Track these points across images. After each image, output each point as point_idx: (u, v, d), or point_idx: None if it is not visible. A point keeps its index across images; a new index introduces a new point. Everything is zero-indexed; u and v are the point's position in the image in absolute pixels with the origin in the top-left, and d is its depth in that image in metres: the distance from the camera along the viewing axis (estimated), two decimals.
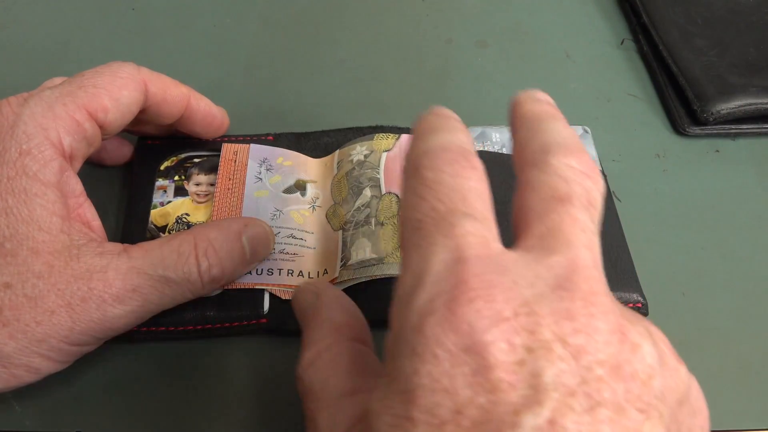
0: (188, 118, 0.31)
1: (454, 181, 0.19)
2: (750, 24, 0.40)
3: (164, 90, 0.29)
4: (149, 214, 0.31)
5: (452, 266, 0.16)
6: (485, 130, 0.35)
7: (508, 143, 0.34)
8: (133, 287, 0.24)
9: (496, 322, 0.15)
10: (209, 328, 0.28)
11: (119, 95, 0.27)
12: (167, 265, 0.25)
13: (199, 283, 0.26)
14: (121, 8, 0.43)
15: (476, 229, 0.17)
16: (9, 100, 0.25)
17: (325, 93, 0.39)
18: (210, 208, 0.31)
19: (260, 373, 0.28)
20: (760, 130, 0.37)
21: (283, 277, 0.29)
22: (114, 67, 0.27)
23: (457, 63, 0.41)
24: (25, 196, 0.23)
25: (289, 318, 0.28)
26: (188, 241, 0.26)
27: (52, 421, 0.26)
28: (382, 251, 0.28)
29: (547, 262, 0.17)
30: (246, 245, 0.27)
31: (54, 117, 0.25)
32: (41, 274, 0.23)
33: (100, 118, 0.26)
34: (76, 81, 0.27)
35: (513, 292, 0.16)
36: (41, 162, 0.24)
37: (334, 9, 0.44)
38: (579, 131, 0.35)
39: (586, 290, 0.16)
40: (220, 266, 0.26)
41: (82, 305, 0.23)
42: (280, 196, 0.31)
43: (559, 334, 0.15)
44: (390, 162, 0.32)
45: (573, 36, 0.43)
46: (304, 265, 0.30)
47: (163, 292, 0.25)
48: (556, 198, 0.18)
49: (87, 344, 0.25)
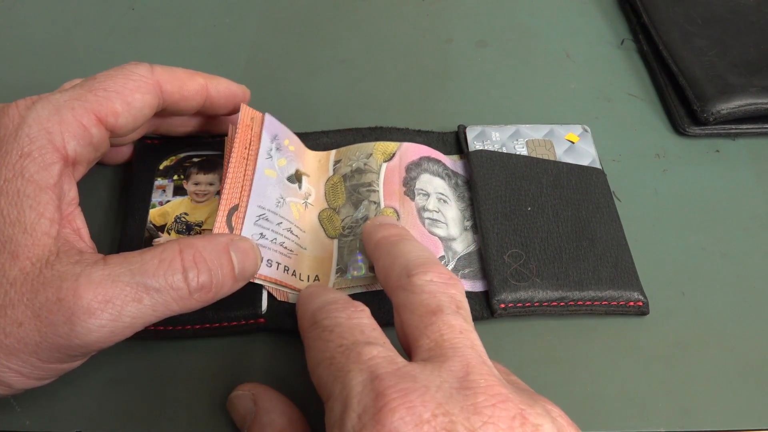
0: (210, 105, 0.30)
1: (350, 322, 0.22)
2: (750, 24, 0.40)
3: (180, 87, 0.28)
4: (148, 213, 0.31)
5: (369, 384, 0.19)
6: (485, 129, 0.35)
7: (507, 142, 0.34)
8: (105, 298, 0.22)
9: (419, 424, 0.18)
10: (208, 327, 0.28)
11: (131, 99, 0.26)
12: (146, 270, 0.23)
13: (185, 290, 0.24)
14: (121, 8, 0.43)
15: (380, 352, 0.20)
16: (17, 103, 0.25)
17: (325, 93, 0.39)
18: (209, 207, 0.31)
19: (259, 372, 0.28)
20: (760, 130, 0.37)
21: (280, 272, 0.29)
22: (127, 70, 0.27)
23: (457, 63, 0.41)
24: (17, 197, 0.23)
25: (287, 317, 0.28)
26: (172, 248, 0.24)
27: (52, 421, 0.26)
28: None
29: (445, 368, 0.20)
30: (234, 258, 0.25)
31: (60, 121, 0.25)
32: (14, 281, 0.22)
33: (110, 122, 0.26)
34: (87, 84, 0.26)
35: (427, 396, 0.19)
36: (41, 165, 0.24)
37: (334, 9, 0.44)
38: (578, 130, 0.35)
39: (484, 385, 0.19)
40: (209, 273, 0.24)
41: (50, 317, 0.22)
42: (284, 183, 0.31)
43: (470, 428, 0.18)
44: (389, 173, 0.32)
45: (573, 36, 0.43)
46: (298, 265, 0.30)
47: (142, 302, 0.23)
48: (430, 312, 0.22)
49: (62, 361, 0.23)
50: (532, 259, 0.30)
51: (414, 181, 0.32)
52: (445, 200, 0.32)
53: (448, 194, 0.32)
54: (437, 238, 0.30)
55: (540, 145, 0.34)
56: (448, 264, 0.30)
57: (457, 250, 0.30)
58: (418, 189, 0.32)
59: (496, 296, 0.29)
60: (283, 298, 0.29)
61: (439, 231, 0.31)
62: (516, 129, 0.35)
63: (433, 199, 0.32)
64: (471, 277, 0.30)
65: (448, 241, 0.31)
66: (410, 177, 0.32)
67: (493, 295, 0.29)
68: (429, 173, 0.33)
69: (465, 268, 0.30)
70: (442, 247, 0.30)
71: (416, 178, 0.32)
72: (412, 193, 0.31)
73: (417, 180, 0.32)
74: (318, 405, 0.22)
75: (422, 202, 0.31)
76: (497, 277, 0.29)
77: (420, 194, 0.31)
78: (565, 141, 0.35)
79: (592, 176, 0.33)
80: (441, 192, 0.32)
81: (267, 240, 0.29)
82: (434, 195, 0.32)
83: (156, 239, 0.30)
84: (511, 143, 0.34)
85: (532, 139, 0.35)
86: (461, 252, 0.30)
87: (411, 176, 0.32)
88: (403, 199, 0.31)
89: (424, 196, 0.31)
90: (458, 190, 0.33)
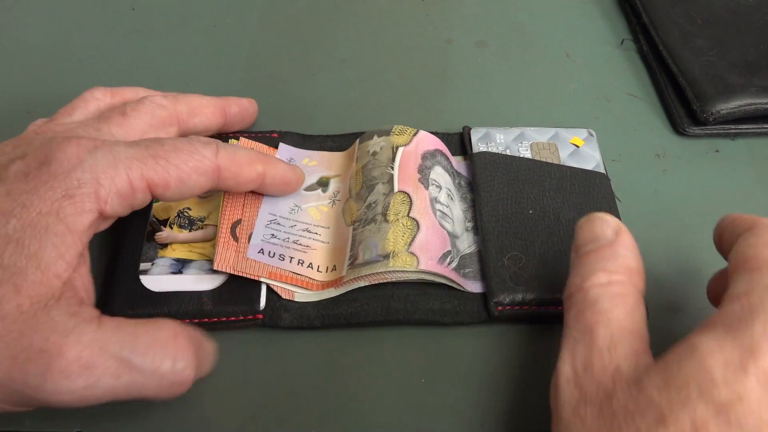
0: (259, 188, 0.30)
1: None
2: (750, 24, 0.40)
3: (236, 176, 0.28)
4: (151, 206, 0.31)
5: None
6: (489, 131, 0.35)
7: (511, 144, 0.34)
8: (86, 364, 0.21)
9: None
10: (206, 322, 0.28)
11: (188, 178, 0.26)
12: (137, 346, 0.22)
13: (167, 379, 0.23)
14: (121, 8, 0.43)
15: None
16: (80, 142, 0.24)
17: (326, 93, 0.39)
18: (213, 203, 0.31)
19: (255, 368, 0.28)
20: (760, 130, 0.37)
21: (293, 264, 0.29)
22: (193, 147, 0.26)
23: (457, 63, 0.41)
24: (44, 232, 0.22)
25: (285, 314, 0.28)
26: (167, 328, 0.23)
27: (52, 421, 0.26)
28: (389, 249, 0.28)
29: None
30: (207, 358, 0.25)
31: (113, 176, 0.24)
32: (6, 316, 0.21)
33: (158, 192, 0.26)
34: (153, 147, 0.25)
35: None
36: (78, 210, 0.23)
37: (334, 9, 0.44)
38: (584, 134, 0.35)
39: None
40: (194, 368, 0.23)
41: (25, 365, 0.21)
42: (300, 193, 0.32)
43: None
44: (405, 158, 0.32)
45: (573, 36, 0.43)
46: (315, 257, 0.30)
47: (119, 379, 0.22)
48: None
49: (17, 405, 0.22)
50: (532, 262, 0.30)
51: (429, 170, 0.32)
52: (452, 198, 0.32)
53: (454, 192, 0.32)
54: (446, 232, 0.30)
55: (544, 148, 0.34)
56: (452, 261, 0.30)
57: (460, 248, 0.30)
58: (432, 179, 0.32)
59: (494, 298, 0.29)
60: (288, 296, 0.29)
61: (448, 225, 0.31)
62: (521, 132, 0.35)
63: (444, 193, 0.32)
64: (471, 278, 0.30)
65: (454, 238, 0.30)
66: (425, 166, 0.32)
67: (491, 297, 0.29)
68: (441, 167, 0.33)
69: (466, 268, 0.30)
70: (449, 242, 0.30)
71: (431, 168, 0.32)
72: (426, 181, 0.31)
73: (432, 170, 0.32)
74: (316, 406, 0.22)
75: (435, 193, 0.31)
76: (495, 279, 0.29)
77: (433, 185, 0.31)
78: (569, 145, 0.34)
79: (595, 180, 0.33)
80: (449, 188, 0.32)
81: (278, 239, 0.30)
82: (445, 189, 0.32)
83: (158, 233, 0.30)
84: (515, 146, 0.34)
85: (537, 141, 0.34)
86: (463, 251, 0.30)
87: (426, 165, 0.32)
88: (417, 186, 0.31)
89: (437, 188, 0.31)
90: (461, 191, 0.33)
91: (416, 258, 0.28)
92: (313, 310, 0.29)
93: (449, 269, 0.29)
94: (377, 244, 0.29)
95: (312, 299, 0.29)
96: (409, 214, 0.30)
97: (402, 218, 0.29)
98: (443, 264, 0.29)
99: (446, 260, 0.29)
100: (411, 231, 0.29)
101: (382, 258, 0.28)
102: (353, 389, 0.27)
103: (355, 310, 0.28)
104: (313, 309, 0.29)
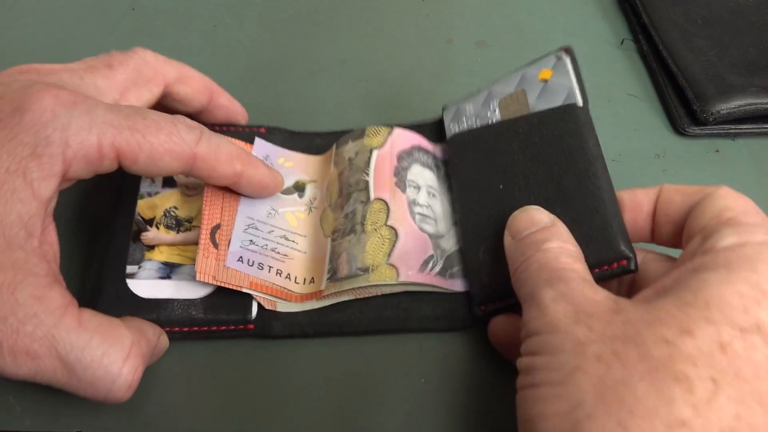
0: (234, 186, 0.29)
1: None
2: (750, 24, 0.40)
3: (212, 169, 0.27)
4: (136, 204, 0.30)
5: None
6: (459, 106, 0.32)
7: (481, 111, 0.31)
8: (33, 356, 0.21)
9: None
10: (197, 330, 0.28)
11: (159, 159, 0.25)
12: (82, 357, 0.22)
13: (101, 394, 0.23)
14: (121, 8, 0.43)
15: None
16: (59, 94, 0.23)
17: (325, 93, 0.39)
18: (199, 202, 0.30)
19: (246, 376, 0.28)
20: (760, 130, 0.37)
21: (271, 275, 0.29)
22: (175, 127, 0.25)
23: (457, 63, 0.41)
24: (10, 196, 0.22)
25: (276, 323, 0.28)
26: (124, 344, 0.23)
27: (52, 421, 0.26)
28: (368, 263, 0.28)
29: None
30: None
31: (83, 140, 0.23)
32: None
33: (125, 164, 0.25)
34: (132, 118, 0.24)
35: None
36: (44, 174, 0.23)
37: (334, 9, 0.44)
38: (551, 62, 0.30)
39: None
40: (131, 389, 0.24)
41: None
42: (277, 196, 0.31)
43: None
44: (380, 162, 0.31)
45: (573, 36, 0.43)
46: (293, 268, 0.29)
47: (58, 377, 0.22)
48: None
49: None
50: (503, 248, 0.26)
51: (405, 171, 0.31)
52: (434, 194, 0.31)
53: (436, 188, 0.31)
54: (427, 235, 0.29)
55: (513, 101, 0.30)
56: (436, 264, 0.28)
57: (446, 248, 0.29)
58: (410, 180, 0.30)
59: (475, 299, 0.28)
60: (271, 307, 0.28)
61: (429, 227, 0.29)
62: (488, 92, 0.31)
63: (424, 193, 0.30)
64: (459, 276, 0.29)
65: (437, 239, 0.29)
66: (402, 167, 0.31)
67: (473, 297, 0.28)
68: (420, 164, 0.31)
69: (453, 267, 0.29)
70: (431, 246, 0.29)
71: (408, 168, 0.31)
72: (403, 184, 0.30)
73: (408, 170, 0.31)
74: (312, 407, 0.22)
75: (413, 195, 0.30)
76: (473, 278, 0.28)
77: (411, 186, 0.30)
78: (538, 83, 0.30)
79: (563, 117, 0.28)
80: (430, 185, 0.31)
81: (257, 246, 0.29)
82: (425, 188, 0.31)
83: (144, 233, 0.29)
84: (484, 112, 0.31)
85: (504, 96, 0.31)
86: (449, 250, 0.29)
87: (403, 166, 0.31)
88: (394, 191, 0.30)
89: (415, 189, 0.30)
90: (447, 182, 0.31)
91: (396, 270, 0.27)
92: (304, 318, 0.28)
93: (432, 275, 0.28)
94: (356, 257, 0.28)
95: (293, 310, 0.28)
96: (386, 222, 0.29)
97: (380, 228, 0.29)
98: (425, 271, 0.28)
99: (428, 266, 0.28)
100: (390, 241, 0.28)
101: (361, 272, 0.27)
102: (350, 394, 0.27)
103: (348, 318, 0.28)
104: (304, 317, 0.28)
